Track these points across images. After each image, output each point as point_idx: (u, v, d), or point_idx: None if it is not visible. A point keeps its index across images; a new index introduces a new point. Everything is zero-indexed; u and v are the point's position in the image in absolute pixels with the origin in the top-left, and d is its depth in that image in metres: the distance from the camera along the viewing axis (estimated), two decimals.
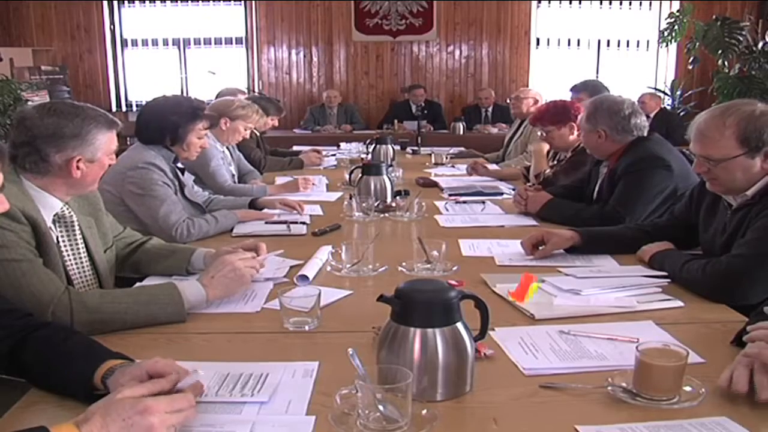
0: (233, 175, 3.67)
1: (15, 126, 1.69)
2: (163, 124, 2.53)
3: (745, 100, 1.93)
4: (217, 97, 4.85)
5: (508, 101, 4.25)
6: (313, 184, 3.52)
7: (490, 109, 7.67)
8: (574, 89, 4.28)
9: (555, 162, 3.66)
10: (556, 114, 3.35)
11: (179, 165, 2.64)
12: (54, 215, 1.71)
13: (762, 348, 1.21)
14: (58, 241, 1.71)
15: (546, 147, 3.73)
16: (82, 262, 1.78)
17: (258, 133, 4.50)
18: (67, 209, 1.75)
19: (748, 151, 1.81)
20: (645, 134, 2.70)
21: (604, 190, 2.72)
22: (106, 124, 1.73)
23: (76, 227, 1.77)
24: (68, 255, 1.74)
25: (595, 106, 2.73)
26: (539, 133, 3.79)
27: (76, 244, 1.77)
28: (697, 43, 6.76)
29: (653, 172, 2.54)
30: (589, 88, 4.08)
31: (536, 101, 4.77)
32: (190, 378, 1.13)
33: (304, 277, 1.93)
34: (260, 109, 3.75)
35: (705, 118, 1.89)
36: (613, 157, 2.71)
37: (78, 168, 1.67)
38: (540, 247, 2.16)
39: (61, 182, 1.69)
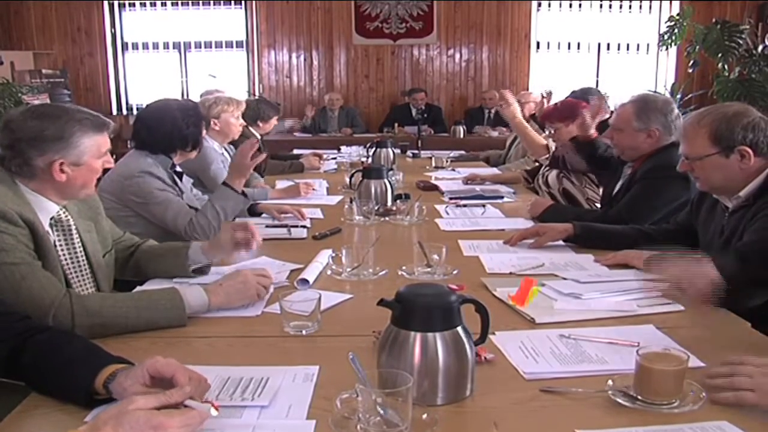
0: None
1: (1, 129, 1.67)
2: (183, 134, 2.54)
3: (728, 103, 1.99)
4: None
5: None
6: (314, 189, 3.52)
7: (493, 110, 7.66)
8: (573, 96, 4.26)
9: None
10: (564, 111, 3.36)
11: (177, 169, 2.64)
12: (50, 219, 1.70)
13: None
14: (55, 245, 1.70)
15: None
16: (80, 266, 1.78)
17: (258, 136, 4.50)
18: (64, 213, 1.74)
19: (721, 150, 1.87)
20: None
21: (623, 191, 2.69)
22: (92, 127, 1.69)
23: (74, 231, 1.76)
24: (66, 259, 1.74)
25: (645, 103, 2.60)
26: (546, 132, 3.79)
27: (74, 248, 1.76)
28: (697, 47, 6.78)
29: (670, 181, 2.47)
30: (578, 97, 4.04)
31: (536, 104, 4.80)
32: (201, 405, 1.10)
33: (305, 281, 1.93)
34: (232, 99, 3.71)
35: (687, 118, 1.99)
36: (640, 159, 2.64)
37: (62, 171, 1.64)
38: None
39: (49, 186, 1.66)
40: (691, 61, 7.24)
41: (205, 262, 1.97)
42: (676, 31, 7.07)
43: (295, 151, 5.40)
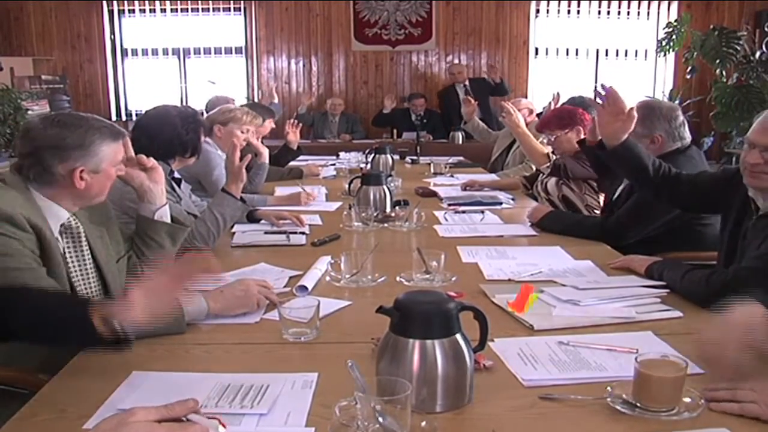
0: None
1: (20, 137, 1.70)
2: (183, 140, 2.54)
3: None
4: (207, 107, 4.87)
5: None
6: (315, 197, 3.52)
7: (466, 83, 7.59)
8: (571, 103, 4.28)
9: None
10: (562, 119, 3.35)
11: (175, 175, 2.63)
12: (60, 226, 1.70)
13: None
14: (64, 252, 1.69)
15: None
16: (87, 274, 1.76)
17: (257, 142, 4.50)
18: (74, 220, 1.74)
19: None
20: (688, 144, 2.60)
21: (623, 197, 2.68)
22: (110, 135, 1.73)
23: (83, 239, 1.76)
24: (73, 266, 1.72)
25: (651, 109, 2.57)
26: (543, 140, 3.80)
27: (82, 255, 1.75)
28: (695, 53, 6.81)
29: None
30: (578, 103, 4.07)
31: (531, 111, 4.81)
32: (205, 420, 1.09)
33: (304, 288, 1.93)
34: (250, 112, 3.74)
35: None
36: None
37: (82, 179, 1.67)
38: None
39: (66, 193, 1.69)
40: (689, 68, 7.27)
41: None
42: (674, 37, 7.10)
43: (292, 163, 5.35)
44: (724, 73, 6.63)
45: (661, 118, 2.56)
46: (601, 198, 3.15)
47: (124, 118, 8.35)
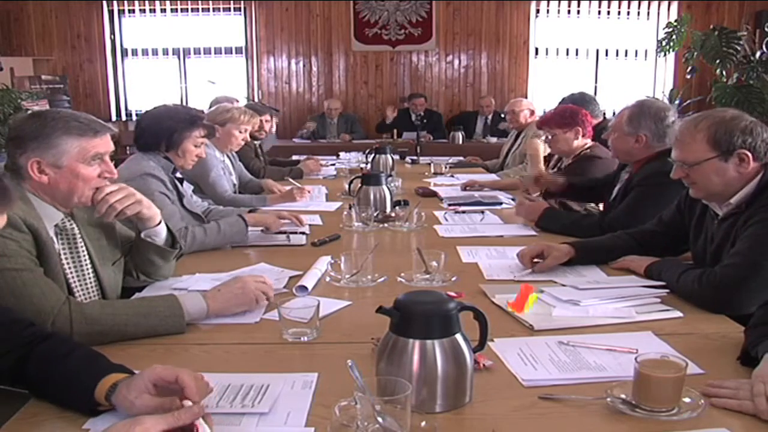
0: (235, 185, 3.67)
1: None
2: (159, 129, 2.49)
3: (721, 108, 1.98)
4: (210, 107, 4.88)
5: (503, 117, 4.29)
6: (308, 191, 3.51)
7: (490, 117, 7.63)
8: (571, 99, 4.29)
9: (555, 169, 3.67)
10: (563, 118, 3.36)
11: (178, 175, 2.63)
12: (54, 226, 1.69)
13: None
14: (59, 253, 1.68)
15: (541, 147, 3.77)
16: (84, 276, 1.75)
17: (256, 144, 4.51)
18: (69, 221, 1.73)
19: (720, 154, 1.85)
20: None
21: (620, 196, 2.69)
22: (77, 129, 1.63)
23: (78, 240, 1.75)
24: (70, 268, 1.72)
25: (641, 109, 2.62)
26: (543, 137, 3.80)
27: (78, 257, 1.74)
28: (695, 53, 6.81)
29: (667, 187, 2.42)
30: (577, 101, 4.08)
31: (532, 112, 4.82)
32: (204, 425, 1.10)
33: (303, 288, 1.93)
34: (248, 108, 3.74)
35: (681, 124, 1.98)
36: (637, 164, 2.64)
37: (42, 172, 1.61)
38: (537, 261, 2.13)
39: (40, 189, 1.64)
40: (689, 68, 7.27)
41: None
42: (674, 37, 7.10)
43: (294, 157, 5.40)
44: (724, 73, 6.63)
45: (648, 118, 2.59)
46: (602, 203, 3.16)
47: (124, 118, 8.36)
